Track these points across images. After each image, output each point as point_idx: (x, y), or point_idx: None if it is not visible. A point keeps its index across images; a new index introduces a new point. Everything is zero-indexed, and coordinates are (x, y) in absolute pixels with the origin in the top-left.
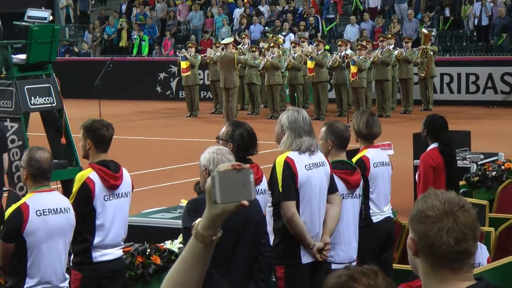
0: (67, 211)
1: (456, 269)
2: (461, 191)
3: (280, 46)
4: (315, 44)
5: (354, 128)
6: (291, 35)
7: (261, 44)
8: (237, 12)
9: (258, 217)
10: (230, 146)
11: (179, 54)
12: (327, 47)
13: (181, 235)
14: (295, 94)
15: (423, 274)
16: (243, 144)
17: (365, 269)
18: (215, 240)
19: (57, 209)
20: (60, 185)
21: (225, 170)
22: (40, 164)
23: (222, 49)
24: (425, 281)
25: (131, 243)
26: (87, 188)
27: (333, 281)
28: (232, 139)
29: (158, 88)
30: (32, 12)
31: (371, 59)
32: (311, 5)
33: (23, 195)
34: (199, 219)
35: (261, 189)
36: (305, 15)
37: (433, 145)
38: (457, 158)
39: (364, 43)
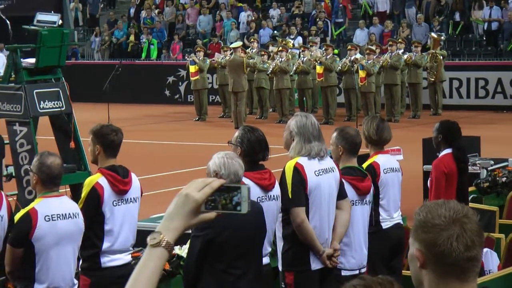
0: (76, 216)
1: (464, 279)
2: (470, 197)
3: (289, 50)
4: (323, 49)
5: (364, 133)
6: (300, 39)
7: (270, 48)
8: (243, 16)
9: (264, 226)
10: (239, 150)
11: (187, 58)
12: (336, 51)
13: (189, 241)
14: (304, 98)
15: (429, 286)
16: (251, 149)
17: (380, 279)
18: None
19: (66, 214)
20: (69, 189)
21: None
22: (51, 170)
23: (231, 53)
24: None
25: (140, 248)
26: (96, 193)
27: None
28: (241, 143)
29: (167, 92)
30: (41, 16)
31: (380, 63)
32: (322, 9)
33: (32, 200)
34: (160, 234)
35: (274, 195)
36: (317, 19)
37: (446, 151)
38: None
39: (373, 47)
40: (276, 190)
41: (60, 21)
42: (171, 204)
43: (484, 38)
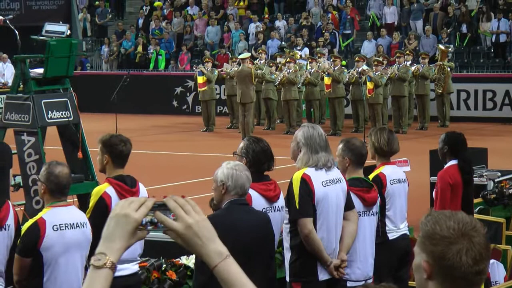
0: (84, 226)
1: None
2: (477, 208)
3: (297, 61)
4: (331, 60)
5: (374, 145)
6: (306, 50)
7: (278, 59)
8: (252, 27)
9: (272, 235)
10: (244, 161)
11: (195, 69)
12: (344, 62)
13: None
14: (312, 110)
15: None
16: (256, 160)
17: (383, 286)
18: None
19: (74, 223)
20: (77, 199)
21: None
22: (59, 179)
23: (239, 63)
24: None
25: (147, 258)
26: (103, 203)
27: None
28: (246, 154)
29: (175, 103)
30: (50, 27)
31: (388, 75)
32: (330, 20)
33: (39, 210)
34: (106, 255)
35: (278, 206)
36: (323, 31)
37: (451, 162)
38: (474, 175)
39: (380, 59)
40: (281, 201)
41: (69, 31)
42: (108, 225)
43: (492, 50)
